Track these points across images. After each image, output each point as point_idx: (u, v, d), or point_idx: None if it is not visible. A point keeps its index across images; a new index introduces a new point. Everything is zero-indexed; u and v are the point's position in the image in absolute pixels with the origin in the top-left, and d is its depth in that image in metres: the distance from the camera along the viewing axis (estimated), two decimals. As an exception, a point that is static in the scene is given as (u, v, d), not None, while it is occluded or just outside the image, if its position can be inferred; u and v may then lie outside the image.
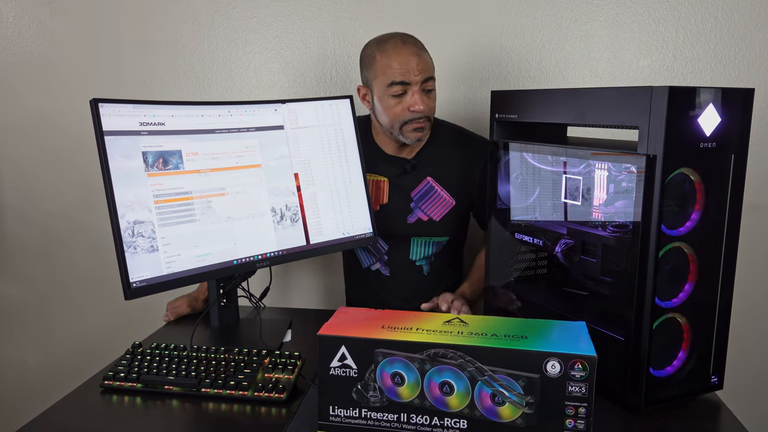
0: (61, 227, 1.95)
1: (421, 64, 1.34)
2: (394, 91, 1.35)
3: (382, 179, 1.49)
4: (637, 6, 1.60)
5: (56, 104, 1.88)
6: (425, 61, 1.35)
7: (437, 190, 1.47)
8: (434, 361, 0.86)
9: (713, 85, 1.11)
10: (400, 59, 1.33)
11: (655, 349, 0.97)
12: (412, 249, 1.51)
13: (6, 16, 1.85)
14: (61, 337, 2.03)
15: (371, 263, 1.55)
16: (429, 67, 1.36)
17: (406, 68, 1.33)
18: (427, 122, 1.39)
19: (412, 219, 1.48)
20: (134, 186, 1.12)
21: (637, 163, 0.96)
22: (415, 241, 1.50)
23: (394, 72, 1.34)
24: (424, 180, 1.48)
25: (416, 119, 1.37)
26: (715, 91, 0.92)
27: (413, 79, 1.33)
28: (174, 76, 1.82)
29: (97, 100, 1.10)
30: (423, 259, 1.52)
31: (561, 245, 1.20)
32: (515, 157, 1.27)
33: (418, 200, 1.47)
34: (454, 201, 1.48)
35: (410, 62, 1.33)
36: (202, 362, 1.10)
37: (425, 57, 1.36)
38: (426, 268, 1.53)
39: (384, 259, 1.53)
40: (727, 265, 1.00)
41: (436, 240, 1.50)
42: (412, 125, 1.37)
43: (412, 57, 1.33)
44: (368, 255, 1.54)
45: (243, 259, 1.25)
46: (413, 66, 1.33)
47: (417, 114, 1.36)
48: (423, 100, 1.35)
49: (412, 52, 1.34)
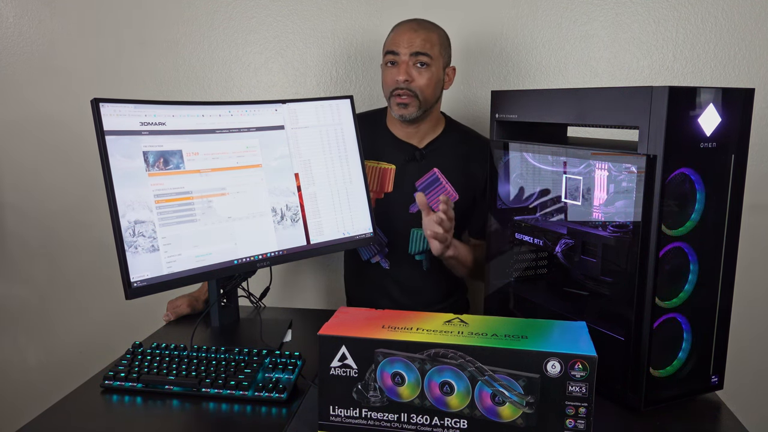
0: (61, 227, 1.95)
1: (415, 39, 1.39)
2: (387, 60, 1.43)
3: (390, 167, 1.51)
4: (637, 6, 1.60)
5: (56, 104, 1.88)
6: (422, 37, 1.40)
7: (442, 182, 1.49)
8: (434, 361, 0.87)
9: (713, 85, 1.11)
10: (398, 32, 1.42)
11: (655, 349, 0.97)
12: (410, 242, 1.51)
13: (6, 16, 1.85)
14: (62, 336, 2.03)
15: (371, 256, 1.55)
16: (424, 44, 1.39)
17: (398, 40, 1.40)
18: (411, 97, 1.41)
19: (414, 209, 1.49)
20: (135, 186, 1.12)
21: (637, 163, 0.96)
22: (414, 234, 1.50)
23: (390, 42, 1.43)
24: (430, 171, 1.49)
25: (399, 90, 1.41)
26: (715, 91, 0.92)
27: (402, 51, 1.40)
28: (174, 76, 1.82)
29: (98, 99, 1.10)
30: (422, 253, 1.52)
31: (561, 245, 1.20)
32: (515, 157, 1.27)
33: (422, 190, 1.49)
34: (458, 196, 1.49)
35: (404, 35, 1.40)
36: (202, 362, 1.10)
37: (424, 34, 1.40)
38: (426, 264, 1.53)
39: (385, 251, 1.53)
40: (727, 265, 1.00)
41: None
42: (396, 98, 1.42)
43: (409, 31, 1.40)
44: (368, 248, 1.55)
45: (243, 259, 1.25)
46: (405, 38, 1.40)
47: (400, 84, 1.40)
48: (407, 71, 1.39)
49: (410, 27, 1.41)
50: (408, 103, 1.42)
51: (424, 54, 1.39)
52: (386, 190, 1.51)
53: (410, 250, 1.52)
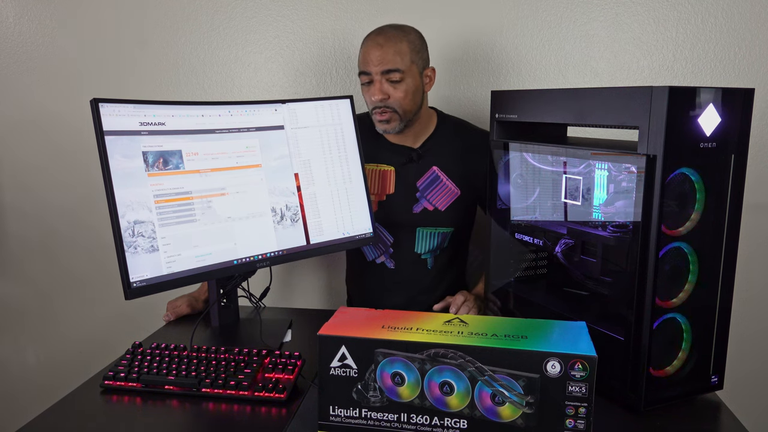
0: (61, 227, 1.95)
1: (382, 56, 1.37)
2: (362, 80, 1.43)
3: (389, 168, 1.51)
4: (637, 6, 1.60)
5: (56, 104, 1.88)
6: (390, 52, 1.37)
7: (443, 179, 1.49)
8: (434, 361, 0.87)
9: (713, 85, 1.11)
10: (365, 50, 1.41)
11: (655, 349, 0.97)
12: (417, 241, 1.51)
13: (6, 16, 1.85)
14: (62, 336, 2.03)
15: (376, 256, 1.55)
16: (393, 59, 1.37)
17: (367, 59, 1.39)
18: (391, 113, 1.41)
19: (417, 209, 1.49)
20: (134, 186, 1.12)
21: (637, 163, 0.96)
22: (420, 233, 1.51)
23: (361, 61, 1.42)
24: (429, 169, 1.49)
25: (377, 108, 1.41)
26: (715, 91, 0.92)
27: (373, 70, 1.39)
28: (174, 76, 1.82)
29: (98, 99, 1.10)
30: (428, 252, 1.52)
31: (561, 245, 1.20)
32: (515, 157, 1.27)
33: (424, 190, 1.49)
34: (459, 191, 1.49)
35: (371, 54, 1.38)
36: (202, 362, 1.10)
37: (392, 47, 1.37)
38: (430, 262, 1.53)
39: (389, 251, 1.53)
40: (727, 265, 1.00)
41: (441, 231, 1.51)
42: (377, 115, 1.43)
43: (374, 49, 1.38)
44: (373, 248, 1.55)
45: (243, 259, 1.25)
46: (373, 57, 1.38)
47: (376, 103, 1.40)
48: (382, 90, 1.39)
49: (375, 43, 1.39)
50: (389, 119, 1.42)
51: (394, 71, 1.37)
52: (388, 192, 1.51)
53: (416, 249, 1.52)
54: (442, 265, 1.53)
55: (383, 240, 1.53)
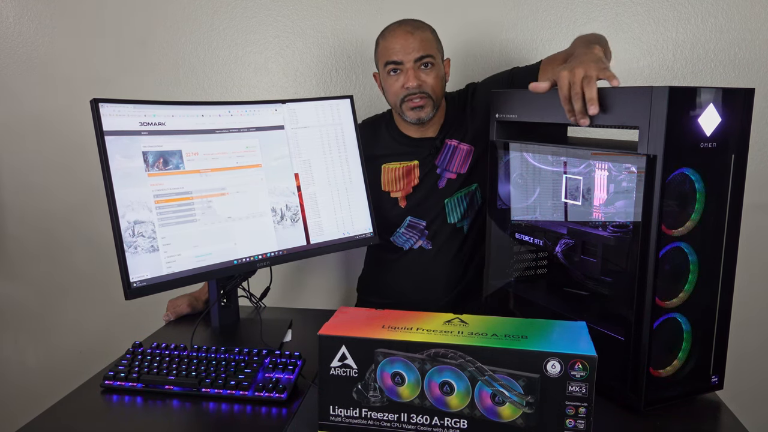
0: (61, 227, 1.96)
1: (414, 43, 1.39)
2: (388, 69, 1.43)
3: (413, 163, 1.52)
4: (637, 6, 1.60)
5: (56, 104, 1.88)
6: (419, 39, 1.40)
7: (455, 145, 1.51)
8: (434, 361, 0.87)
9: (713, 85, 1.11)
10: (394, 40, 1.41)
11: (655, 349, 0.97)
12: (448, 212, 1.52)
13: (6, 16, 1.85)
14: (62, 337, 2.03)
15: (412, 243, 1.55)
16: (423, 45, 1.40)
17: (398, 48, 1.40)
18: (425, 99, 1.42)
19: (442, 183, 1.51)
20: (134, 186, 1.12)
21: (637, 163, 0.96)
22: (449, 203, 1.52)
23: (389, 52, 1.42)
24: (443, 146, 1.52)
25: (411, 95, 1.41)
26: (715, 91, 0.92)
27: (405, 58, 1.39)
28: (174, 76, 1.82)
29: (98, 100, 1.10)
30: (462, 219, 1.53)
31: (561, 245, 1.20)
32: (515, 157, 1.27)
33: (442, 163, 1.51)
34: (473, 147, 1.51)
35: (402, 42, 1.40)
36: (202, 362, 1.10)
37: (420, 35, 1.40)
38: (466, 227, 1.53)
39: (425, 233, 1.54)
40: (727, 265, 1.00)
41: (466, 191, 1.52)
42: (409, 103, 1.43)
43: (405, 36, 1.40)
44: (408, 237, 1.55)
45: (243, 259, 1.25)
46: (405, 45, 1.39)
47: (412, 90, 1.40)
48: (417, 76, 1.40)
49: (405, 31, 1.41)
50: (423, 105, 1.43)
51: (427, 56, 1.40)
52: (414, 183, 1.52)
53: (450, 220, 1.52)
54: (479, 227, 1.53)
55: (417, 227, 1.53)
